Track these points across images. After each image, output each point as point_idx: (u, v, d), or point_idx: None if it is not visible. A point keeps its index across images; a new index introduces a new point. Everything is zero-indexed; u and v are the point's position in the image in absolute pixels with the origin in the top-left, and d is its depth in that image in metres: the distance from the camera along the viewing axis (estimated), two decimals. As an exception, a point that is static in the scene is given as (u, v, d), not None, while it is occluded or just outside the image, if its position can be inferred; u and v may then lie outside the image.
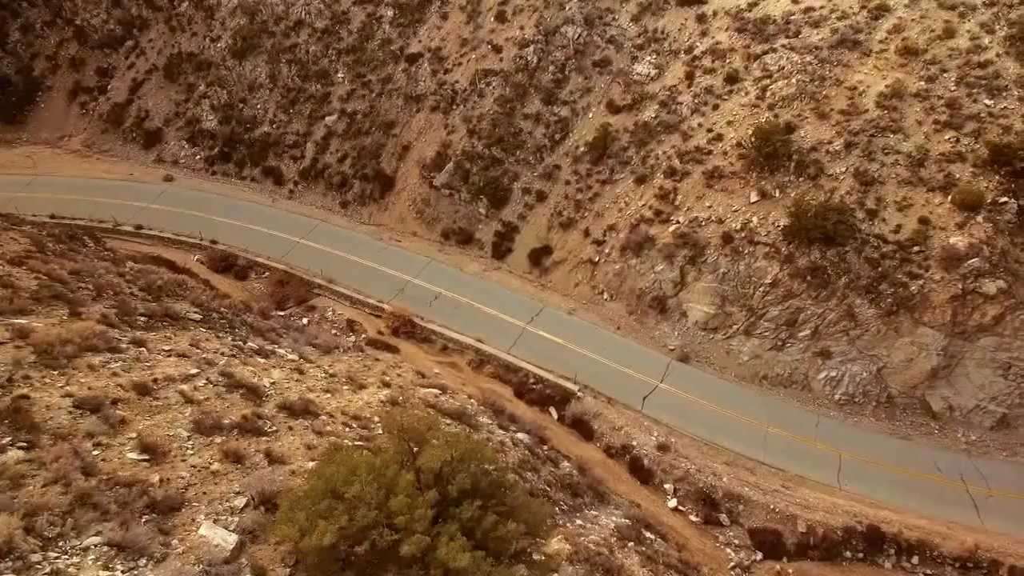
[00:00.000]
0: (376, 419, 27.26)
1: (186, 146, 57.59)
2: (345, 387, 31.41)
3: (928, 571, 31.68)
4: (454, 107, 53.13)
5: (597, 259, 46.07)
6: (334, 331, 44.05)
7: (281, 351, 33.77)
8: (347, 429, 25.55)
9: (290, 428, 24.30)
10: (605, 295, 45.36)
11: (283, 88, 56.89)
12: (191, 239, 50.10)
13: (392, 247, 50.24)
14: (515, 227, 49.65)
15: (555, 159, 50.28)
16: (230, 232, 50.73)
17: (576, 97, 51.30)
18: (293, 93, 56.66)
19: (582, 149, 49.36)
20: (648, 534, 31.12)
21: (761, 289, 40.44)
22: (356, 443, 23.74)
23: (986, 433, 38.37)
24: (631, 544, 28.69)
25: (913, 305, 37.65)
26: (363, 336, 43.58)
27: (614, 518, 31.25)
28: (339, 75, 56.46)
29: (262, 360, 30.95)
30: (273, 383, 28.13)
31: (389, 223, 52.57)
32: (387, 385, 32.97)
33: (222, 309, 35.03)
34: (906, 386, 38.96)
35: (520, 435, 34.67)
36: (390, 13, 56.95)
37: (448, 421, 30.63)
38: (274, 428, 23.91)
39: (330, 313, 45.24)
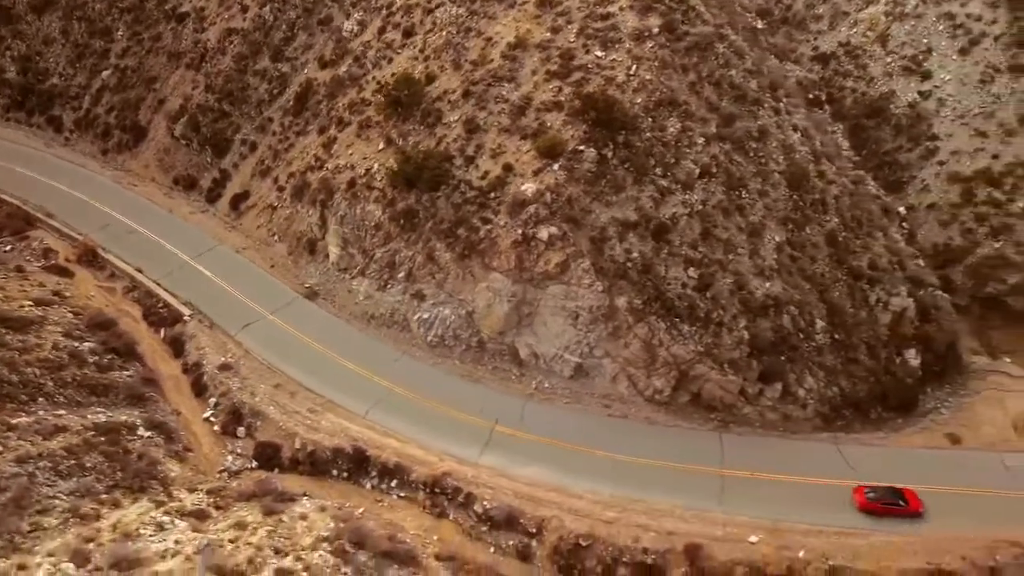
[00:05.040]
0: None
1: (-9, 95, 63.61)
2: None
3: (402, 493, 33.21)
4: (203, 64, 56.51)
5: (277, 204, 48.64)
6: (29, 256, 48.84)
7: None
8: None
9: None
10: (276, 237, 47.94)
11: (72, 44, 61.85)
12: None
13: (125, 190, 54.41)
14: (229, 175, 52.79)
15: (271, 112, 52.99)
16: (-9, 172, 56.30)
17: (298, 54, 53.71)
18: (80, 48, 61.53)
19: (291, 103, 51.82)
20: (146, 432, 34.24)
21: (370, 232, 42.08)
22: None
23: (564, 381, 38.79)
24: (90, 434, 32.02)
25: (482, 250, 38.41)
26: (52, 262, 48.21)
27: (124, 417, 34.63)
28: (119, 32, 60.81)
29: None
30: None
31: (136, 169, 56.73)
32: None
33: None
34: (494, 331, 39.77)
35: (86, 345, 38.44)
36: (169, -26, 60.70)
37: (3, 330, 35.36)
38: None
39: (36, 243, 49.98)
